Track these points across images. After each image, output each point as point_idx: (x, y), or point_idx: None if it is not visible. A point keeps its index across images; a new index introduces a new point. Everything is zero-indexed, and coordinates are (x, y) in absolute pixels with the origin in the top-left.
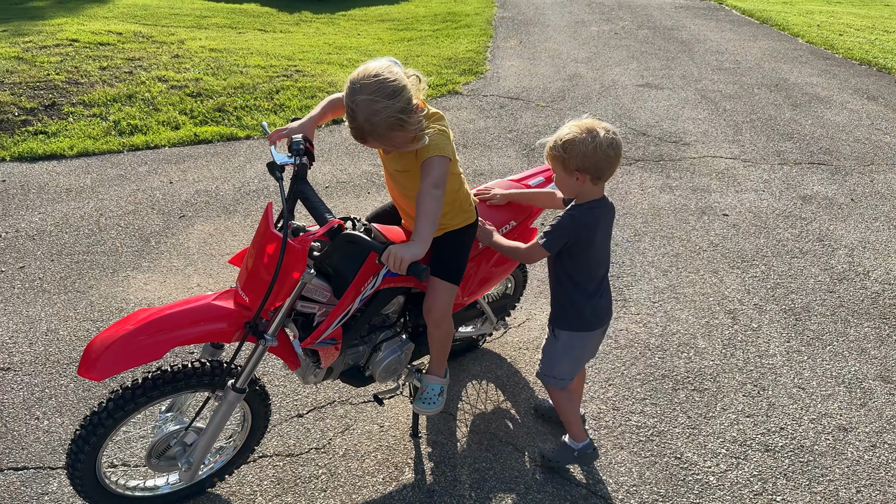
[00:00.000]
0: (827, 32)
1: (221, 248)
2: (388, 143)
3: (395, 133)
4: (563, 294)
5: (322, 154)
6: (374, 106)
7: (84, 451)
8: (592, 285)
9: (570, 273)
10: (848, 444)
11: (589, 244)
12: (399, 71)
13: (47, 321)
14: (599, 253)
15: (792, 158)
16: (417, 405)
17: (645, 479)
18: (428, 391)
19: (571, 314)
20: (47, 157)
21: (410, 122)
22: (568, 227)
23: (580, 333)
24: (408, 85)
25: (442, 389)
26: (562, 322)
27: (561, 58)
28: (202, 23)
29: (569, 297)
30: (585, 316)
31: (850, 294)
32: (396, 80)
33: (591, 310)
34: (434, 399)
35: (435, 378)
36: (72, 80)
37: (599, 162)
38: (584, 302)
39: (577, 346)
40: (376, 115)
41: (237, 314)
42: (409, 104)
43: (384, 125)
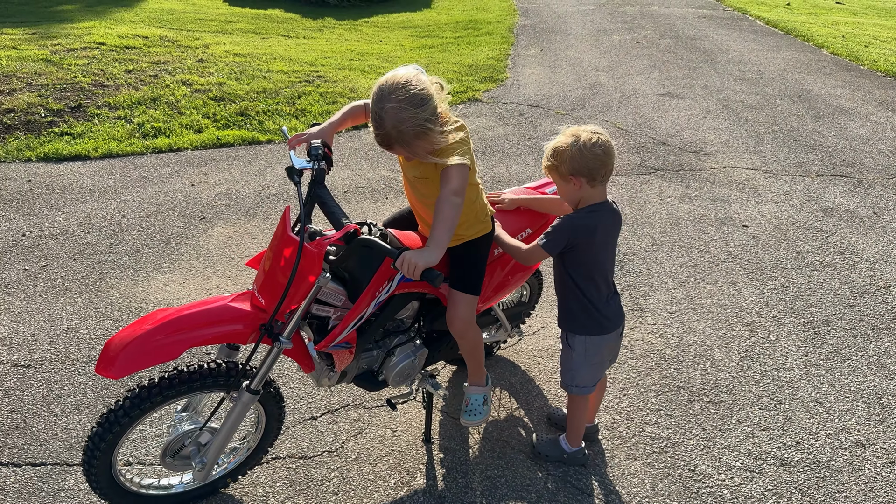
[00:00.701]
0: (852, 44)
1: (241, 250)
2: (412, 151)
3: (420, 141)
4: (570, 299)
5: (341, 159)
6: (402, 114)
7: (100, 448)
8: (596, 289)
9: (574, 277)
10: (866, 460)
11: (588, 247)
12: (425, 79)
13: (68, 319)
14: (601, 257)
15: (814, 170)
16: (464, 418)
17: (658, 490)
18: (472, 403)
19: (582, 318)
20: (72, 158)
21: (435, 130)
22: (566, 230)
23: (593, 337)
24: (434, 94)
25: (486, 398)
26: (572, 326)
27: (582, 66)
28: (227, 28)
29: (577, 302)
30: (595, 319)
31: (870, 308)
32: (424, 89)
33: (599, 313)
34: (479, 409)
35: (476, 388)
36: (98, 83)
37: (588, 162)
38: (590, 305)
39: (592, 352)
40: (403, 123)
41: (253, 316)
42: (434, 113)
43: (411, 133)
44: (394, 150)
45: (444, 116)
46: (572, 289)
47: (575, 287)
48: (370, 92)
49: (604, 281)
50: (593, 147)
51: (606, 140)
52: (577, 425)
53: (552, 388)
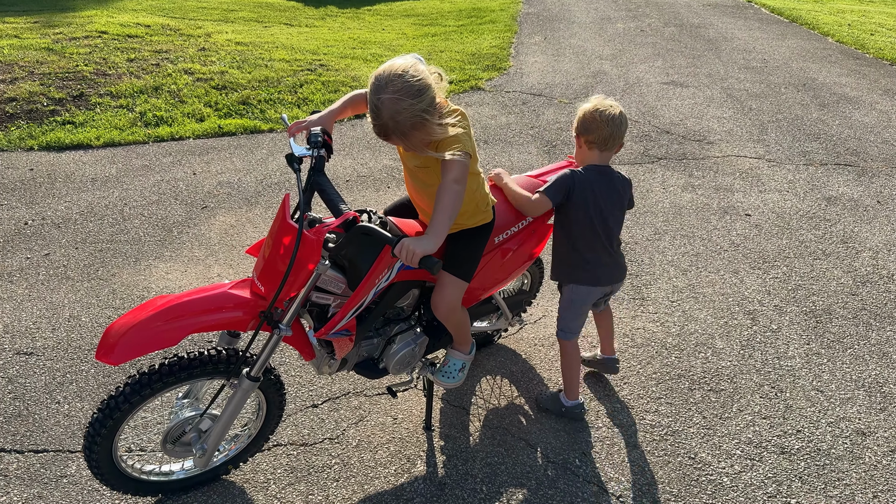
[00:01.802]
0: (858, 32)
1: (242, 239)
2: (409, 142)
3: (418, 132)
4: (561, 248)
5: (343, 148)
6: (399, 105)
7: (101, 434)
8: (588, 245)
9: (568, 229)
10: (866, 448)
11: (583, 201)
12: (424, 69)
13: (70, 307)
14: (593, 214)
15: (818, 159)
16: (437, 377)
17: (658, 478)
18: (449, 364)
19: (569, 269)
20: (74, 147)
21: (433, 121)
22: (566, 179)
23: (580, 287)
24: (432, 84)
25: (464, 365)
26: (559, 273)
27: (585, 54)
28: (229, 16)
29: (567, 253)
30: (585, 270)
31: (873, 297)
32: (421, 79)
33: (589, 265)
34: (454, 374)
35: (457, 353)
36: (100, 72)
37: (589, 125)
38: (580, 259)
39: (578, 302)
40: (400, 114)
41: (253, 303)
42: (432, 104)
43: (408, 124)
44: (391, 141)
45: (442, 105)
46: (562, 241)
47: (566, 239)
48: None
49: (598, 239)
50: (599, 113)
51: (614, 112)
52: (572, 376)
53: (553, 377)
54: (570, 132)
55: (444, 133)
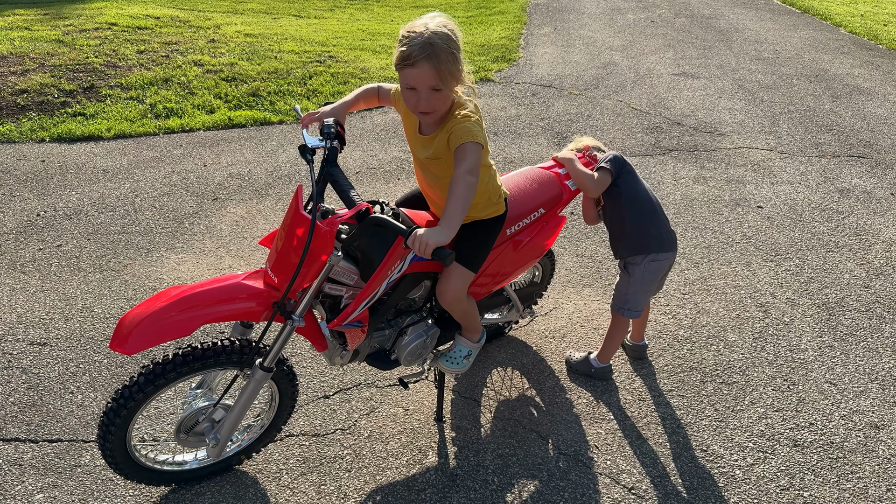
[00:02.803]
0: (871, 22)
1: (253, 230)
2: (439, 75)
3: (444, 71)
4: (626, 225)
5: (353, 140)
6: (444, 29)
7: (115, 423)
8: (652, 211)
9: (630, 205)
10: (879, 441)
11: (637, 177)
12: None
13: (83, 298)
14: (650, 191)
15: (830, 151)
16: (441, 362)
17: (670, 470)
18: (455, 350)
19: (640, 244)
20: (85, 139)
21: (457, 73)
22: (618, 158)
23: (651, 263)
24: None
25: (470, 352)
26: (631, 250)
27: (596, 45)
28: (238, 8)
29: (633, 230)
30: (656, 237)
31: (886, 290)
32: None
33: (657, 232)
34: (459, 360)
35: (465, 340)
36: (110, 64)
37: None
38: (649, 226)
39: (648, 278)
40: (443, 39)
41: (266, 294)
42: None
43: (444, 52)
44: (415, 71)
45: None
46: (628, 218)
47: (632, 214)
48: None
49: (656, 207)
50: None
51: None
52: (612, 345)
53: (564, 368)
54: (580, 123)
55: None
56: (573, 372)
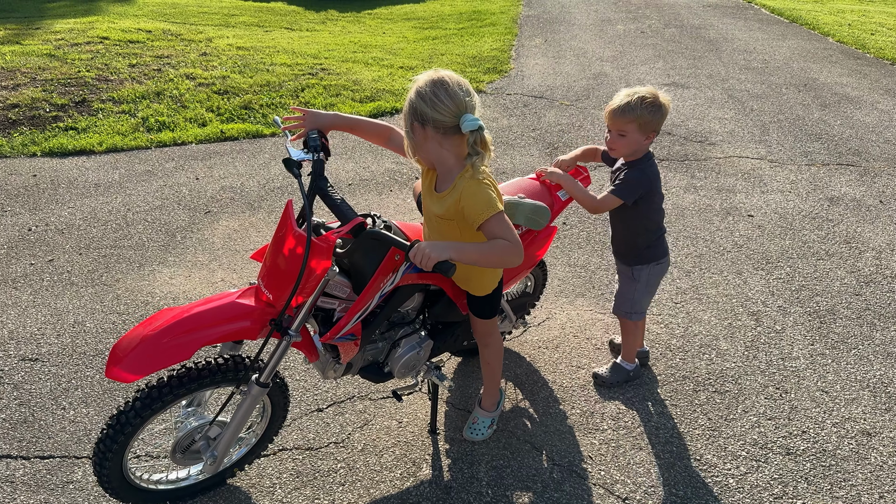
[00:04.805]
0: (858, 31)
1: (245, 243)
2: (412, 134)
3: (416, 122)
4: (640, 237)
5: (345, 152)
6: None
7: (112, 449)
8: (661, 222)
9: (648, 216)
10: (872, 448)
11: (659, 190)
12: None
13: (75, 313)
14: (662, 200)
15: (820, 159)
16: (466, 433)
17: (664, 480)
18: (478, 423)
19: (653, 250)
20: (77, 153)
21: (424, 126)
22: (641, 180)
23: (656, 267)
24: (442, 113)
25: (493, 421)
26: (643, 259)
27: (586, 56)
28: (230, 21)
29: (649, 236)
30: (661, 247)
31: (876, 297)
32: (440, 101)
33: (663, 241)
34: (483, 431)
35: (485, 413)
36: (102, 77)
37: (663, 119)
38: (658, 237)
39: (653, 282)
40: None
41: (260, 311)
42: (430, 118)
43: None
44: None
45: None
46: (646, 227)
47: (648, 225)
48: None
49: (662, 216)
50: (665, 107)
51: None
52: (635, 342)
53: (557, 379)
54: (571, 133)
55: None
56: (608, 386)
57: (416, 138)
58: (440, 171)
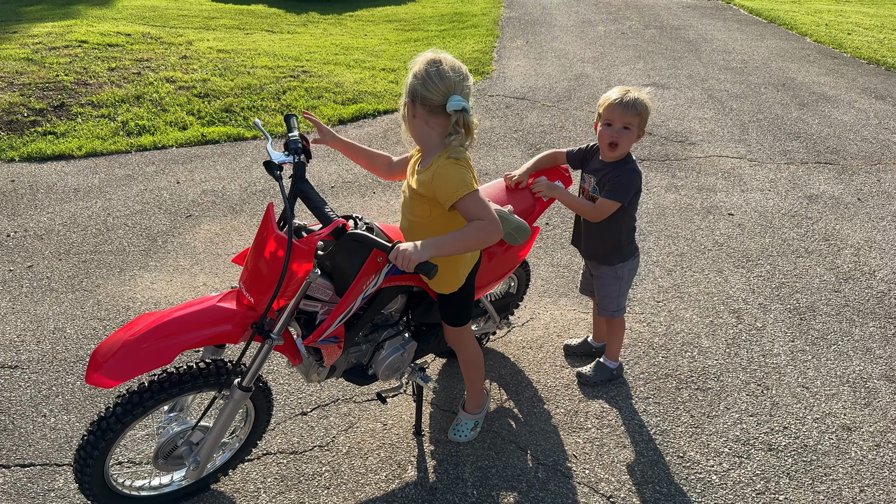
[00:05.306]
0: (835, 31)
1: (228, 247)
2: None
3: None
4: (623, 235)
5: (328, 154)
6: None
7: (93, 456)
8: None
9: (631, 216)
10: (852, 443)
11: (641, 187)
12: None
13: (55, 320)
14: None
15: (798, 158)
16: (451, 434)
17: (647, 477)
18: (461, 424)
19: (632, 247)
20: (56, 158)
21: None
22: (634, 179)
23: (634, 261)
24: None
25: (476, 423)
26: (624, 255)
27: (567, 57)
28: (210, 24)
29: (627, 236)
30: (635, 242)
31: (855, 294)
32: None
33: (635, 236)
34: (466, 432)
35: (468, 415)
36: (80, 81)
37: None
38: (633, 235)
39: (631, 275)
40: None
41: (242, 315)
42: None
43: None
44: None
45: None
46: (628, 226)
47: (629, 224)
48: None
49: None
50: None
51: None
52: (619, 342)
53: (541, 378)
54: (554, 134)
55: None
56: (592, 385)
57: (407, 114)
58: (424, 150)
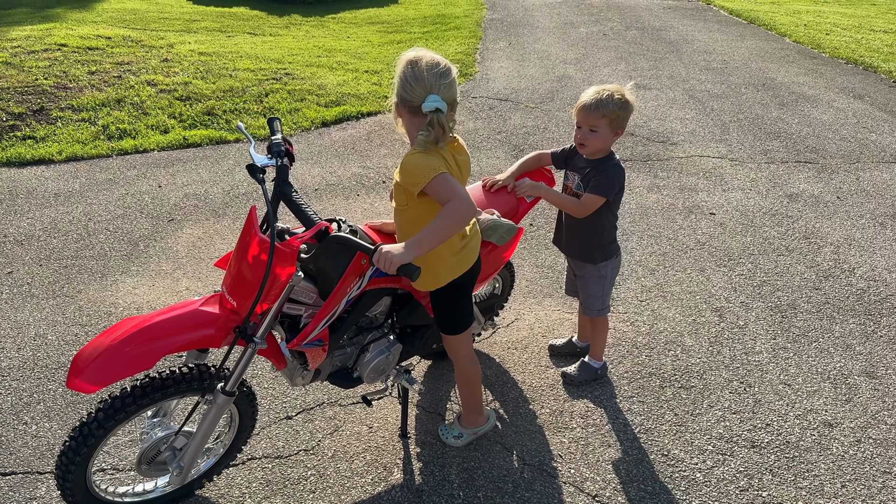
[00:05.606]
0: (814, 32)
1: (210, 251)
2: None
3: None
4: (606, 232)
5: (311, 157)
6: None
7: (75, 462)
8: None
9: (613, 213)
10: (833, 439)
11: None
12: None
13: (35, 326)
14: None
15: (779, 157)
16: (439, 429)
17: (632, 476)
18: (450, 428)
19: (614, 245)
20: (36, 163)
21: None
22: (619, 176)
23: (616, 259)
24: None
25: (463, 436)
26: (607, 254)
27: (550, 59)
28: (191, 27)
29: (610, 233)
30: (617, 243)
31: (835, 291)
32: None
33: (615, 237)
34: (449, 437)
35: (460, 427)
36: (60, 85)
37: (629, 118)
38: (615, 233)
39: (613, 273)
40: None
41: (225, 319)
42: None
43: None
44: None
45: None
46: (611, 224)
47: (612, 221)
48: None
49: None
50: (631, 104)
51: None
52: (603, 341)
53: (527, 379)
54: (537, 135)
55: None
56: (577, 385)
57: (395, 114)
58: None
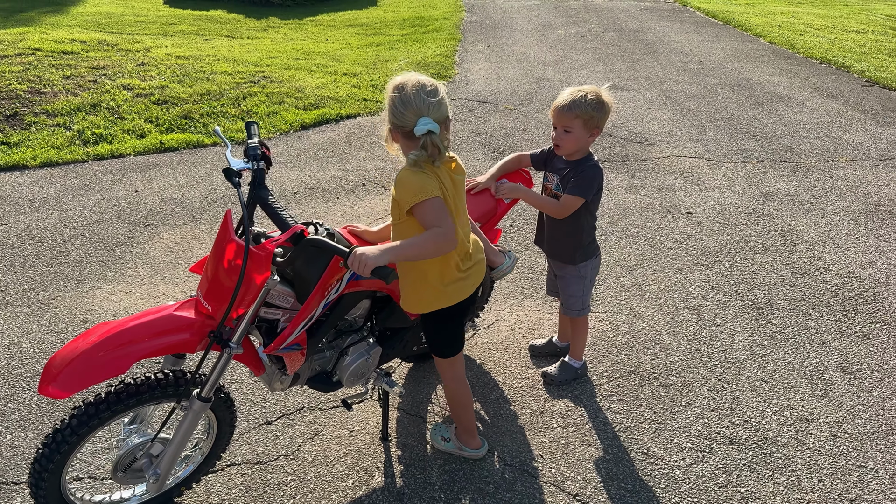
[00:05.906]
0: (788, 32)
1: (188, 256)
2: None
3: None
4: (585, 233)
5: (290, 160)
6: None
7: (48, 469)
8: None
9: (592, 213)
10: (810, 434)
11: (602, 184)
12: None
13: (10, 334)
14: None
15: (754, 156)
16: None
17: (612, 474)
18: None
19: (593, 245)
20: (9, 168)
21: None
22: (597, 177)
23: (596, 259)
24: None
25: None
26: (587, 254)
27: (528, 61)
28: (168, 30)
29: (590, 233)
30: (596, 243)
31: (811, 288)
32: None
33: (594, 237)
34: (438, 438)
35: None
36: (34, 90)
37: (606, 119)
38: (594, 233)
39: (593, 273)
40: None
41: (200, 324)
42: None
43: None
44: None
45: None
46: (590, 224)
47: (591, 222)
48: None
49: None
50: (608, 105)
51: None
52: (583, 341)
53: (507, 380)
54: (516, 137)
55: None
56: (557, 384)
57: (392, 139)
58: None
